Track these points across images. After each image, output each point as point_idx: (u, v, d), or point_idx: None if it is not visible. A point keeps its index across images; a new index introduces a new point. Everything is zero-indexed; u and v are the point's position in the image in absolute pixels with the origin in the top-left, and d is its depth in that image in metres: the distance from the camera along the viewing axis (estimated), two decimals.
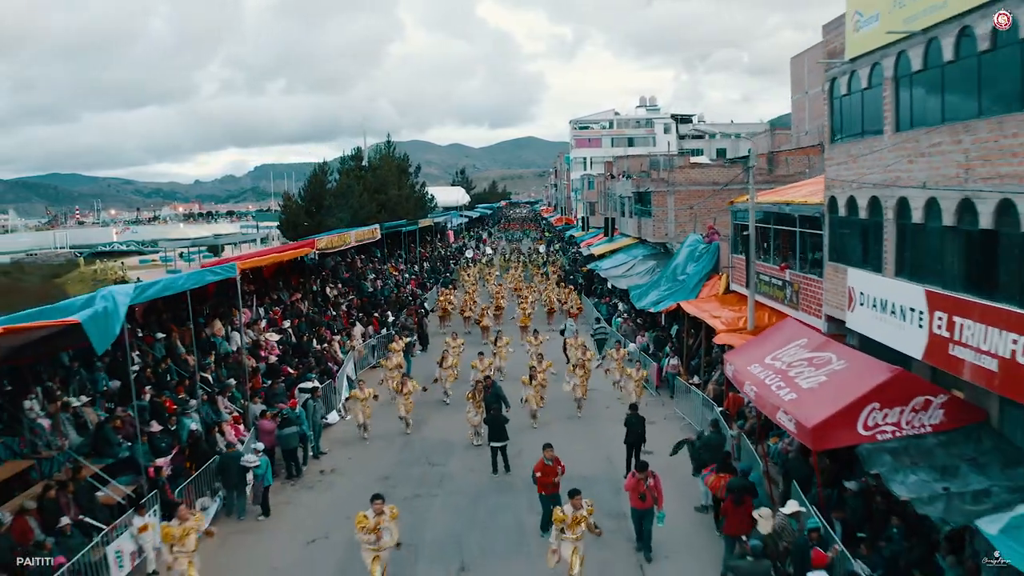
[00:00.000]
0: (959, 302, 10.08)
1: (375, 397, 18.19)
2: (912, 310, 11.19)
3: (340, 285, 30.88)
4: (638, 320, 26.93)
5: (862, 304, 13.02)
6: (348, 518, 12.39)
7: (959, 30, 10.17)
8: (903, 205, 11.76)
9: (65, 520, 10.85)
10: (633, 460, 14.23)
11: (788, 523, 10.30)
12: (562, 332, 26.03)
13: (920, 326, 10.94)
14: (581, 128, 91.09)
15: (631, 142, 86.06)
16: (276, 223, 69.49)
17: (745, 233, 18.63)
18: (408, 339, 25.28)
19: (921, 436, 10.46)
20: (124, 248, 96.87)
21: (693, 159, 51.45)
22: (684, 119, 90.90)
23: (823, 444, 10.46)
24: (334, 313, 26.76)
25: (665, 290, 24.17)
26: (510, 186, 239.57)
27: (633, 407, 15.64)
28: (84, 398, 13.76)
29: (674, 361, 21.80)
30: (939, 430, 10.57)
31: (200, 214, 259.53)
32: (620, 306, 30.86)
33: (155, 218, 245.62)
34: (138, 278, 43.20)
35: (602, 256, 39.88)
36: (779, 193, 19.17)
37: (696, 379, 20.15)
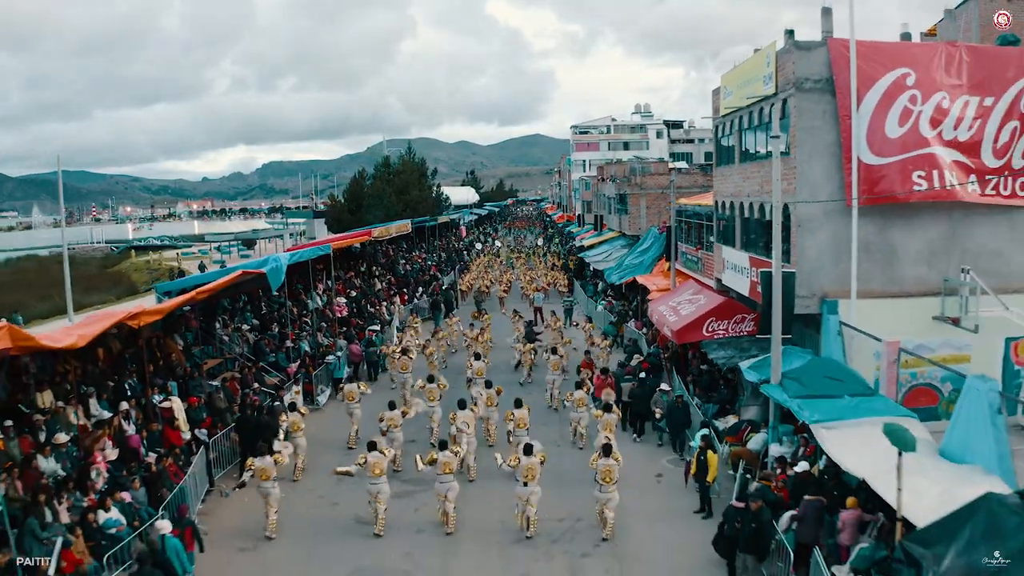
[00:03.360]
0: (759, 260, 18.13)
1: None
2: (745, 268, 19.27)
3: (379, 268, 39.19)
4: (610, 293, 35.11)
5: (727, 268, 21.10)
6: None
7: (759, 108, 18.27)
8: (742, 206, 19.82)
9: (256, 385, 19.14)
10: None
11: (661, 397, 18.34)
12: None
13: (746, 277, 19.02)
14: (581, 133, 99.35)
15: (626, 146, 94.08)
16: (303, 220, 78.09)
17: (668, 225, 26.79)
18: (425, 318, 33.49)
19: (740, 336, 18.63)
20: (158, 243, 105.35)
21: (676, 164, 59.53)
22: (675, 124, 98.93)
23: (682, 340, 18.71)
24: (378, 287, 35.04)
25: (627, 269, 32.30)
26: (517, 183, 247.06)
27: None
28: (246, 325, 22.08)
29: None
30: (752, 334, 18.72)
31: (213, 211, 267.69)
32: (600, 286, 39.04)
33: (170, 215, 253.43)
34: (201, 264, 51.91)
35: (591, 247, 48.03)
36: (696, 198, 27.28)
37: (645, 330, 28.30)
